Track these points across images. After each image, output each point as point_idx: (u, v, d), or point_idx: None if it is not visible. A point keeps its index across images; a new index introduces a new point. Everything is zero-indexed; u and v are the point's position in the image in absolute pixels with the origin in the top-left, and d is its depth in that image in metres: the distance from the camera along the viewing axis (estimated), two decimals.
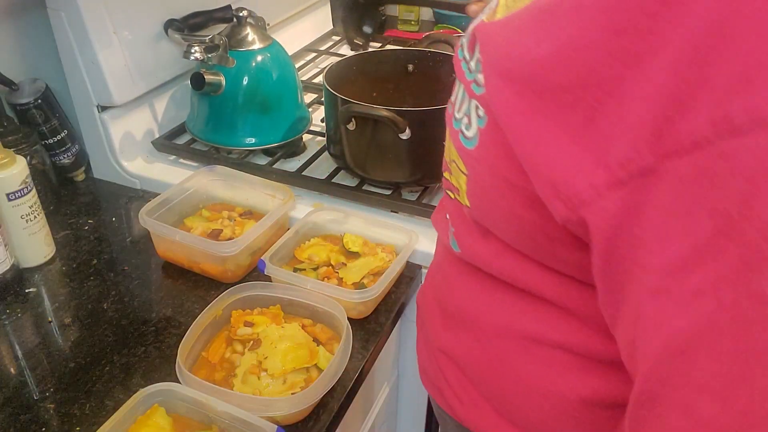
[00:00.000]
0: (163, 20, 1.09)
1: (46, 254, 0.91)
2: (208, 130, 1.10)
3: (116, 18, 1.00)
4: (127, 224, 1.01)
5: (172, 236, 0.86)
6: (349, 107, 0.93)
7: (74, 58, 0.99)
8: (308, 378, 0.72)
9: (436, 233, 0.69)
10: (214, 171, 0.99)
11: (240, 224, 0.94)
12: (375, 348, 0.80)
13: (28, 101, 1.01)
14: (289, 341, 0.74)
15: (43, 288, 0.88)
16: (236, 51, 1.05)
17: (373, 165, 0.99)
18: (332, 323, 0.78)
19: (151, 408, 0.66)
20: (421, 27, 1.80)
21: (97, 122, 1.05)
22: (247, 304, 0.80)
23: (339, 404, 0.72)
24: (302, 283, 0.81)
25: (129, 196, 1.07)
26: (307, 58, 1.48)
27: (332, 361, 0.70)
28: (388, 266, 0.85)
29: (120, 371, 0.75)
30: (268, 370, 0.71)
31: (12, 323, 0.82)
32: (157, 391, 0.67)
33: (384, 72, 1.13)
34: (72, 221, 1.01)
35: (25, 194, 0.86)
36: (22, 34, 1.02)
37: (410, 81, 1.14)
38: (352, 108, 0.93)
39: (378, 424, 1.05)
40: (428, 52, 1.11)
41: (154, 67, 1.09)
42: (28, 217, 0.87)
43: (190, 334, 0.73)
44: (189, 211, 0.97)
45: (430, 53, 1.11)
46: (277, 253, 0.86)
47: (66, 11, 0.96)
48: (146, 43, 1.07)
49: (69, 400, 0.71)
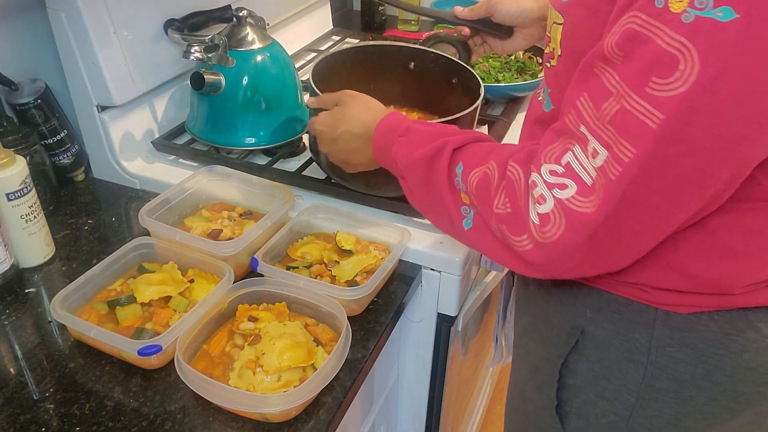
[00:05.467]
0: (163, 20, 1.09)
1: (45, 254, 0.91)
2: (207, 130, 1.10)
3: (116, 18, 1.00)
4: (127, 224, 1.01)
5: (172, 236, 0.86)
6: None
7: (74, 58, 0.99)
8: (304, 377, 0.72)
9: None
10: (214, 171, 1.00)
11: (240, 224, 0.94)
12: (375, 347, 0.80)
13: (27, 101, 1.01)
14: (288, 339, 0.74)
15: (42, 288, 0.88)
16: (236, 51, 1.05)
17: (353, 175, 0.93)
18: (334, 324, 0.79)
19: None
20: (421, 27, 1.80)
21: (97, 122, 1.05)
22: (253, 299, 0.81)
23: (338, 404, 0.72)
24: (295, 282, 0.81)
25: (129, 196, 1.07)
26: (307, 58, 1.48)
27: (327, 360, 0.70)
28: (381, 264, 0.85)
29: (120, 371, 0.75)
30: (264, 366, 0.72)
31: (12, 323, 0.82)
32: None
33: (382, 68, 1.10)
34: (72, 221, 1.01)
35: (25, 194, 0.86)
36: (22, 34, 1.02)
37: (410, 79, 1.11)
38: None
39: (378, 424, 1.05)
40: (431, 53, 1.09)
41: (154, 67, 1.09)
42: (28, 217, 0.87)
43: (190, 326, 0.74)
44: (189, 211, 0.97)
45: (433, 54, 1.09)
46: (270, 251, 0.86)
47: (66, 11, 0.96)
48: (146, 43, 1.07)
49: (69, 400, 0.71)
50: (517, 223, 0.62)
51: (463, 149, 0.71)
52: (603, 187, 0.54)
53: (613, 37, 0.53)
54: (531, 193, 0.61)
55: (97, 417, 0.69)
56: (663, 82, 0.50)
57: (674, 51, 0.49)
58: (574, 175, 0.57)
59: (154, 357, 0.72)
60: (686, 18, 0.48)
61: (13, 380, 0.74)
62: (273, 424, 0.69)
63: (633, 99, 0.51)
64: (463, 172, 0.69)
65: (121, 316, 0.79)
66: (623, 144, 0.52)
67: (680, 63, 0.48)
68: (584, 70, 0.57)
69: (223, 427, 0.69)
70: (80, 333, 0.76)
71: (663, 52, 0.49)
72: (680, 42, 0.48)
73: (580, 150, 0.57)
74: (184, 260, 0.86)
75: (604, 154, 0.54)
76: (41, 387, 0.73)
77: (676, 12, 0.48)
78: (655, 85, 0.50)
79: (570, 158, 0.58)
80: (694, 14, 0.47)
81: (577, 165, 0.57)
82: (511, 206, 0.63)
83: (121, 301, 0.80)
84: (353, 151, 0.85)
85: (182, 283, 0.83)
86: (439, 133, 0.74)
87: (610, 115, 0.53)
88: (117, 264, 0.84)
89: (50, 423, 0.69)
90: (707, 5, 0.47)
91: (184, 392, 0.72)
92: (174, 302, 0.81)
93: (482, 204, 0.66)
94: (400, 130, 0.77)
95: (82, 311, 0.79)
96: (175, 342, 0.72)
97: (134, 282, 0.83)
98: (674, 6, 0.49)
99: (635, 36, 0.51)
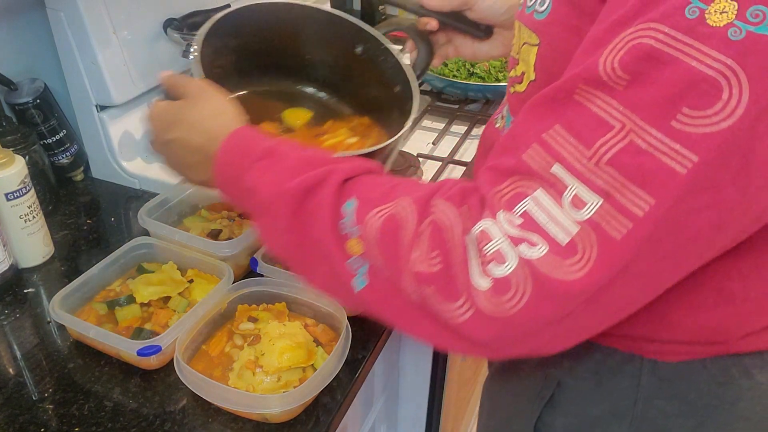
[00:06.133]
0: (163, 20, 1.09)
1: (44, 254, 0.91)
2: None
3: (115, 17, 1.00)
4: (126, 224, 1.01)
5: (171, 236, 0.86)
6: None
7: (73, 57, 0.99)
8: (303, 378, 0.72)
9: None
10: None
11: (239, 224, 0.94)
12: (375, 348, 0.79)
13: (26, 101, 1.01)
14: (288, 339, 0.73)
15: (41, 288, 0.88)
16: None
17: None
18: (334, 325, 0.78)
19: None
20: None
21: (96, 122, 1.04)
22: (253, 299, 0.81)
23: (338, 404, 0.72)
24: (295, 282, 0.81)
25: (128, 196, 1.07)
26: None
27: (327, 361, 0.70)
28: None
29: (119, 372, 0.75)
30: (263, 366, 0.71)
31: (11, 324, 0.82)
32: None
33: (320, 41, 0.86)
34: (71, 221, 1.01)
35: (24, 194, 0.85)
36: (21, 33, 1.02)
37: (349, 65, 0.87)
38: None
39: (378, 425, 1.05)
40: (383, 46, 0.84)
41: (154, 66, 1.08)
42: (27, 217, 0.87)
43: (189, 327, 0.73)
44: (188, 211, 0.97)
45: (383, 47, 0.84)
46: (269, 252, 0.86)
47: (65, 11, 0.95)
48: (145, 42, 1.06)
49: (68, 400, 0.71)
50: (449, 285, 0.47)
51: (356, 181, 0.55)
52: (597, 248, 0.43)
53: (612, 54, 0.43)
54: (478, 247, 0.47)
55: (97, 417, 0.69)
56: (699, 114, 0.39)
57: (715, 74, 0.39)
58: (537, 228, 0.45)
59: (154, 357, 0.72)
60: (734, 34, 0.38)
61: (12, 380, 0.74)
62: (273, 424, 0.69)
63: (651, 135, 0.41)
64: (358, 210, 0.52)
65: (121, 317, 0.78)
66: (634, 192, 0.41)
67: (723, 91, 0.38)
68: (554, 97, 0.46)
69: (222, 427, 0.69)
70: (79, 333, 0.76)
71: (700, 75, 0.39)
72: (724, 64, 0.38)
73: (547, 196, 0.45)
74: (183, 260, 0.86)
75: (597, 204, 0.43)
76: (40, 387, 0.73)
77: (716, 26, 0.39)
78: (687, 118, 0.40)
79: (529, 206, 0.45)
80: (745, 30, 0.38)
81: (541, 216, 0.45)
82: (441, 262, 0.47)
83: (121, 301, 0.80)
84: (187, 167, 0.66)
85: (181, 283, 0.83)
86: (316, 158, 0.57)
87: (610, 155, 0.42)
88: (116, 264, 0.84)
89: (49, 423, 0.69)
90: (764, 19, 0.38)
91: (184, 393, 0.72)
92: (173, 302, 0.81)
93: (389, 257, 0.50)
94: (259, 152, 0.58)
95: (81, 311, 0.79)
96: (174, 342, 0.72)
97: (133, 282, 0.83)
98: (714, 18, 0.39)
99: (653, 54, 0.41)
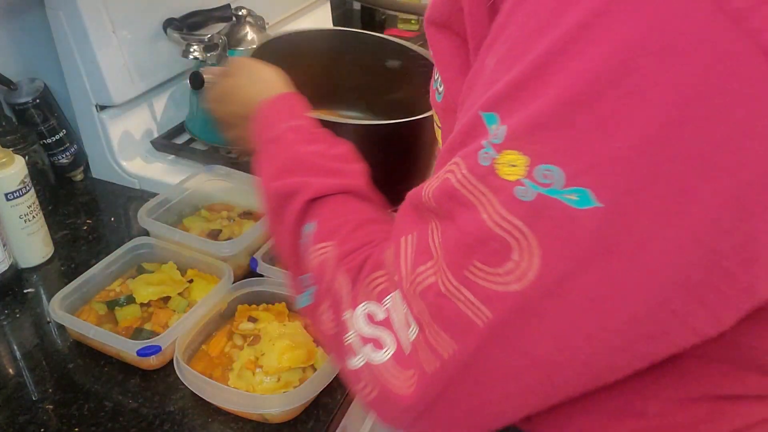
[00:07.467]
0: (162, 19, 1.09)
1: (44, 254, 0.91)
2: (207, 129, 1.09)
3: (115, 17, 1.00)
4: (126, 224, 1.01)
5: (171, 236, 0.86)
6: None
7: (73, 57, 0.99)
8: (303, 378, 0.72)
9: None
10: (214, 171, 0.99)
11: (239, 224, 0.94)
12: None
13: (26, 101, 1.01)
14: (288, 340, 0.73)
15: (41, 288, 0.88)
16: (235, 50, 1.05)
17: None
18: None
19: None
20: (421, 26, 1.80)
21: (96, 122, 1.04)
22: (253, 299, 0.81)
23: (338, 404, 0.72)
24: None
25: (128, 196, 1.07)
26: None
27: (327, 361, 0.70)
28: None
29: (119, 372, 0.75)
30: (263, 366, 0.71)
31: (10, 324, 0.82)
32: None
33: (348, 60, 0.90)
34: (70, 221, 1.01)
35: (24, 194, 0.85)
36: (21, 33, 1.02)
37: (378, 80, 0.90)
38: None
39: (378, 425, 1.04)
40: (421, 56, 0.86)
41: (153, 66, 1.09)
42: (27, 217, 0.87)
43: (189, 327, 0.73)
44: (188, 211, 0.97)
45: (421, 56, 0.86)
46: (270, 251, 0.86)
47: (65, 11, 0.95)
48: (145, 42, 1.06)
49: (68, 400, 0.71)
50: (339, 352, 0.44)
51: (324, 202, 0.50)
52: (417, 371, 0.38)
53: (432, 182, 0.38)
54: (340, 335, 0.43)
55: (96, 417, 0.69)
56: (490, 271, 0.34)
57: (504, 234, 0.33)
58: (392, 328, 0.40)
59: (153, 357, 0.72)
60: (522, 194, 0.33)
61: (12, 381, 0.74)
62: (272, 425, 0.69)
63: (449, 280, 0.36)
64: (314, 236, 0.49)
65: (120, 317, 0.78)
66: (439, 333, 0.37)
67: (513, 252, 0.33)
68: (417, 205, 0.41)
69: (222, 427, 0.69)
70: (79, 333, 0.76)
71: (490, 234, 0.34)
72: (513, 225, 0.33)
73: (401, 300, 0.39)
74: (183, 260, 0.86)
75: (415, 332, 0.38)
76: (40, 387, 0.73)
77: (507, 179, 0.33)
78: (480, 272, 0.35)
79: (390, 305, 0.40)
80: (535, 191, 0.32)
81: (397, 317, 0.39)
82: (335, 327, 0.44)
83: (120, 301, 0.80)
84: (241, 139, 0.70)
85: (181, 283, 0.83)
86: (304, 163, 0.53)
87: (422, 287, 0.38)
88: (116, 264, 0.84)
89: (49, 423, 0.69)
90: (554, 182, 0.32)
91: (184, 393, 0.72)
92: (173, 302, 0.81)
93: (315, 294, 0.48)
94: (272, 133, 0.57)
95: (81, 311, 0.79)
96: (174, 342, 0.72)
97: (133, 282, 0.83)
98: (504, 171, 0.33)
99: (454, 195, 0.36)
